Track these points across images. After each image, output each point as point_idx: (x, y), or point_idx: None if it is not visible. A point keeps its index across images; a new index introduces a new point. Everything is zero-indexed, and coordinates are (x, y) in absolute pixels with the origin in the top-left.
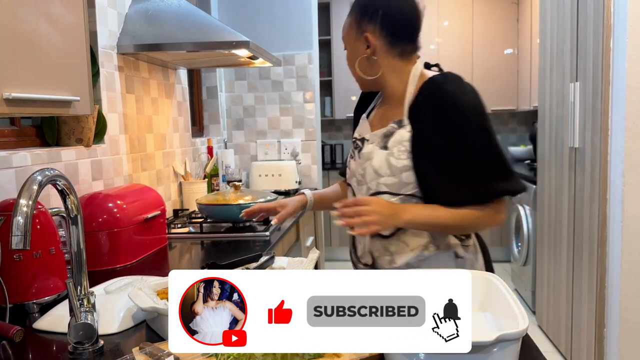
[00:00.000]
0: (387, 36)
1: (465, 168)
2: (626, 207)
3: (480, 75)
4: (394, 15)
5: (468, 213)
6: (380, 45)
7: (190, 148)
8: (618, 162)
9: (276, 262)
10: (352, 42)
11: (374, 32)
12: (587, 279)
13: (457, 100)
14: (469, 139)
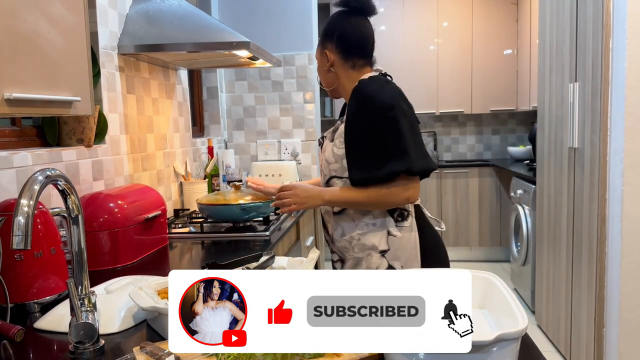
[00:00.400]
0: (341, 52)
1: (367, 153)
2: (625, 207)
3: (479, 76)
4: (346, 37)
5: (374, 191)
6: (336, 60)
7: (191, 148)
8: (617, 162)
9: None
10: (318, 58)
11: (331, 50)
12: (587, 279)
13: (371, 96)
14: (375, 128)
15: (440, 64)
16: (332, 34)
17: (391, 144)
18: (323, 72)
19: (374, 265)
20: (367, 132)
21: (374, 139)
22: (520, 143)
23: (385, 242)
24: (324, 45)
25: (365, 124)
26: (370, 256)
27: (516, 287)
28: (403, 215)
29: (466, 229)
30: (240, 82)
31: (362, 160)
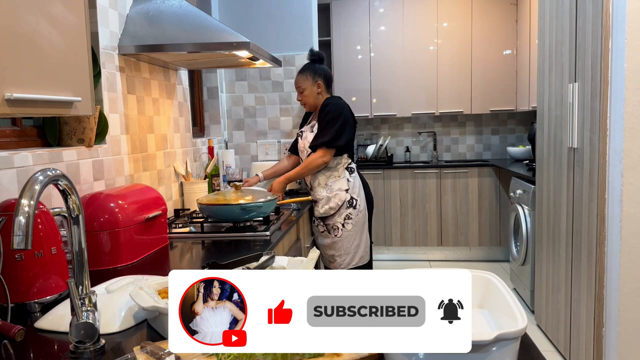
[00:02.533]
0: (323, 84)
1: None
2: (625, 206)
3: (479, 76)
4: (326, 75)
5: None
6: (322, 88)
7: (191, 148)
8: (617, 162)
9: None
10: (309, 86)
11: (320, 82)
12: (586, 279)
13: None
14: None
15: (440, 64)
16: (320, 73)
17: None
18: (314, 95)
19: (342, 199)
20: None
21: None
22: (519, 143)
23: (346, 183)
24: (314, 79)
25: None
26: (336, 196)
27: (516, 286)
28: (351, 169)
29: (466, 228)
30: (241, 82)
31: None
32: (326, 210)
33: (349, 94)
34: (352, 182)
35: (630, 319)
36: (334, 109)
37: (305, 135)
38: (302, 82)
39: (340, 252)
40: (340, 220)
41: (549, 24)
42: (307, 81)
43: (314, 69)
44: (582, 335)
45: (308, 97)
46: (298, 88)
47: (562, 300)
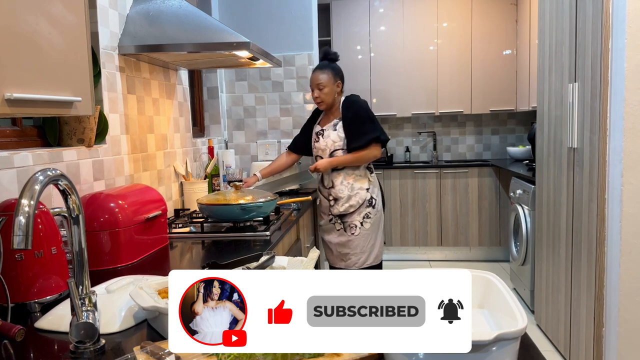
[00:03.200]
0: (342, 85)
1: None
2: (625, 206)
3: (479, 76)
4: (343, 76)
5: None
6: (341, 88)
7: (191, 148)
8: (617, 162)
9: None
10: (331, 85)
11: (339, 82)
12: (586, 279)
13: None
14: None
15: (440, 64)
16: (339, 73)
17: (368, 127)
18: (333, 94)
19: (363, 197)
20: (355, 121)
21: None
22: (519, 143)
23: (367, 183)
24: (335, 80)
25: (354, 117)
26: (355, 194)
27: (515, 286)
28: (371, 169)
29: (466, 229)
30: (241, 82)
31: (353, 137)
32: (346, 208)
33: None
34: (373, 182)
35: (630, 319)
36: (365, 106)
37: (328, 134)
38: (323, 79)
39: (355, 250)
40: (359, 219)
41: (549, 24)
42: (330, 79)
43: (335, 69)
44: (582, 335)
45: (328, 95)
46: (318, 85)
47: (562, 300)
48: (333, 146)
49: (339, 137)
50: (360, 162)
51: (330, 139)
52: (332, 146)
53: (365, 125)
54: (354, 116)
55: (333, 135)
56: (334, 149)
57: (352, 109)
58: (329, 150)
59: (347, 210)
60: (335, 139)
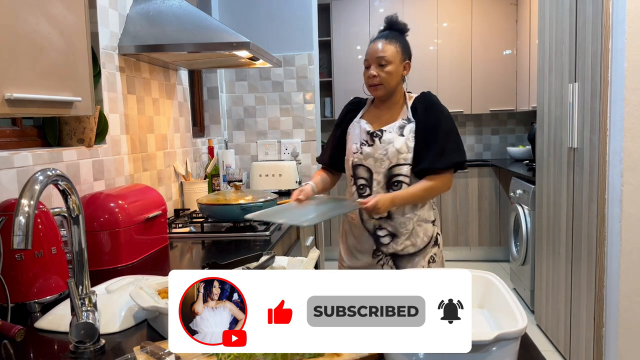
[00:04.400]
0: (409, 69)
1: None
2: (625, 207)
3: (479, 76)
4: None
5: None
6: (407, 72)
7: (191, 148)
8: (617, 162)
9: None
10: (398, 63)
11: (408, 63)
12: (586, 279)
13: (438, 106)
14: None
15: (440, 64)
16: (409, 51)
17: (453, 143)
18: (398, 77)
19: (430, 232)
20: (436, 131)
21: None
22: (519, 143)
23: (433, 214)
24: (404, 57)
25: (435, 125)
26: (420, 226)
27: (516, 287)
28: None
29: (466, 229)
30: (241, 82)
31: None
32: (406, 247)
33: (349, 94)
34: (436, 211)
35: (630, 319)
36: (447, 112)
37: (391, 138)
38: (389, 52)
39: None
40: (424, 264)
41: (549, 24)
42: (397, 55)
43: (405, 43)
44: (582, 335)
45: (391, 77)
46: (379, 58)
47: (562, 300)
48: (396, 158)
49: (407, 147)
50: (431, 196)
51: (394, 145)
52: (394, 157)
53: (450, 141)
54: (436, 124)
55: (399, 142)
56: (397, 162)
57: (434, 113)
58: (388, 163)
59: (407, 250)
60: (402, 148)
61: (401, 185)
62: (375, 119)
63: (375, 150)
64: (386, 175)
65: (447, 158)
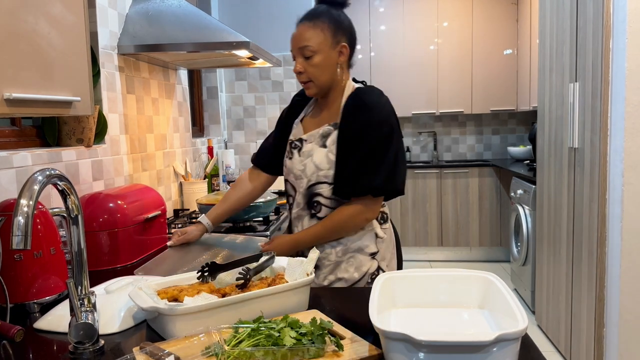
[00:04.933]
0: (350, 49)
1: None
2: (625, 207)
3: (479, 76)
4: (352, 32)
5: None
6: (346, 57)
7: (191, 148)
8: (617, 162)
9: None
10: (328, 50)
11: (345, 44)
12: (587, 279)
13: (371, 110)
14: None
15: (440, 64)
16: (345, 30)
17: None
18: (331, 66)
19: (365, 267)
20: (357, 145)
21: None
22: (520, 143)
23: (374, 245)
24: (336, 37)
25: (359, 136)
26: (354, 258)
27: (516, 287)
28: (384, 217)
29: (466, 229)
30: (240, 82)
31: (344, 171)
32: (332, 282)
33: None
34: (385, 241)
35: (631, 319)
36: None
37: (311, 149)
38: (315, 39)
39: None
40: None
41: (550, 23)
42: (325, 40)
43: (337, 19)
44: (582, 336)
45: (322, 70)
46: (302, 49)
47: (562, 301)
48: (316, 175)
49: (329, 161)
50: (336, 234)
51: (312, 159)
52: (313, 174)
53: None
54: (358, 134)
55: (319, 155)
56: (317, 180)
57: (360, 119)
58: (307, 181)
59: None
60: (322, 163)
61: (320, 208)
62: (310, 124)
63: (294, 165)
64: (305, 195)
65: (362, 182)
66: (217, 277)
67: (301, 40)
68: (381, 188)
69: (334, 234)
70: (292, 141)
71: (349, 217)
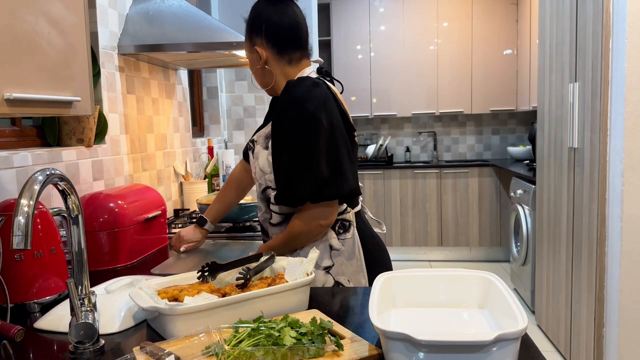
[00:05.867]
0: (273, 47)
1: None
2: (625, 207)
3: (479, 76)
4: (276, 29)
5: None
6: (270, 55)
7: (191, 148)
8: (617, 162)
9: (276, 262)
10: (248, 54)
11: (262, 45)
12: (587, 279)
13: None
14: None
15: (440, 64)
16: (259, 26)
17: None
18: (257, 70)
19: (319, 283)
20: (284, 146)
21: (288, 154)
22: (520, 143)
23: (328, 258)
24: (252, 41)
25: (284, 135)
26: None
27: (516, 287)
28: (345, 226)
29: (466, 229)
30: (240, 82)
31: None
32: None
33: (349, 93)
34: (343, 253)
35: (631, 319)
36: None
37: (257, 151)
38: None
39: None
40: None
41: (550, 23)
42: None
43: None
44: (582, 336)
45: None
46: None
47: (562, 301)
48: (264, 180)
49: (269, 164)
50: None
51: (258, 163)
52: (261, 178)
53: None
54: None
55: (262, 158)
56: (266, 185)
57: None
58: (258, 184)
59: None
60: (265, 167)
61: (271, 214)
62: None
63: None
64: (262, 199)
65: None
66: (217, 277)
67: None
68: (318, 193)
69: (288, 246)
70: (248, 143)
71: (301, 226)
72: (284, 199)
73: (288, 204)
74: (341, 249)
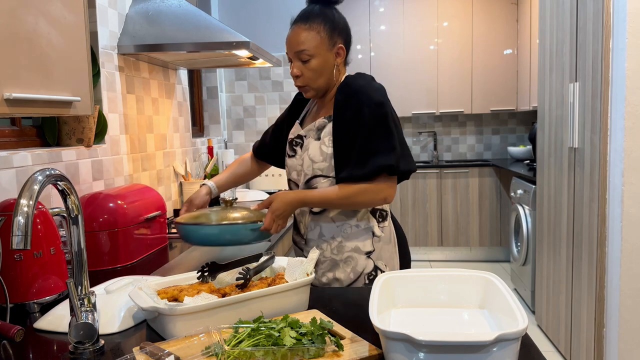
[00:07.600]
0: (346, 48)
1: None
2: (625, 207)
3: (479, 76)
4: (348, 31)
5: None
6: (343, 57)
7: (191, 148)
8: (617, 162)
9: (276, 262)
10: (325, 53)
11: (341, 45)
12: (587, 279)
13: (361, 92)
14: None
15: (440, 64)
16: (342, 28)
17: (379, 141)
18: (328, 70)
19: (360, 267)
20: (356, 129)
21: (362, 135)
22: (520, 143)
23: (370, 244)
24: (333, 39)
25: (354, 120)
26: (352, 259)
27: (516, 287)
28: (383, 215)
29: (466, 229)
30: (240, 82)
31: (349, 157)
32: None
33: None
34: (383, 239)
35: (631, 319)
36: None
37: (307, 143)
38: (311, 42)
39: None
40: None
41: (550, 23)
42: (322, 43)
43: (334, 21)
44: (582, 336)
45: (319, 74)
46: (299, 53)
47: (562, 301)
48: (311, 169)
49: (322, 154)
50: (352, 205)
51: (308, 154)
52: (309, 168)
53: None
54: (356, 117)
55: (313, 148)
56: (313, 174)
57: (354, 102)
58: (304, 176)
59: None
60: (315, 155)
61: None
62: (310, 120)
63: (295, 162)
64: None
65: (372, 162)
66: (217, 277)
67: (297, 43)
68: (394, 165)
69: (344, 202)
70: (292, 139)
71: (365, 191)
72: (358, 172)
73: (361, 178)
74: (381, 236)
